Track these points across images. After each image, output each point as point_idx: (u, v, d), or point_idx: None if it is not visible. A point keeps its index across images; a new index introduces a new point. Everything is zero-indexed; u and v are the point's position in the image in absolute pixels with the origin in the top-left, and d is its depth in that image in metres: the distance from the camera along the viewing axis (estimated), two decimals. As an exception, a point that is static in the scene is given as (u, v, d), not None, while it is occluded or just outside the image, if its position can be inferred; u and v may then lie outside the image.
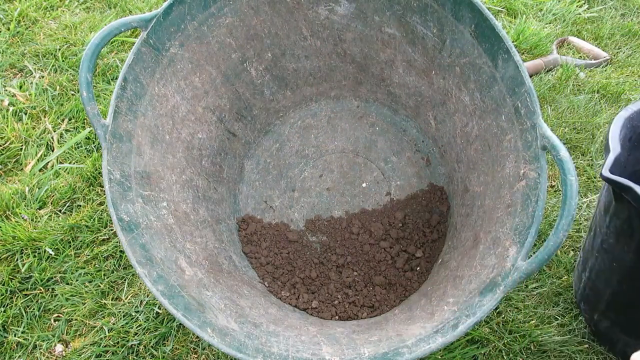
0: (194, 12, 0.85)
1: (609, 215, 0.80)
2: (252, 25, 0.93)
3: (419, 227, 1.02)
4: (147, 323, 0.98)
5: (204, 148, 0.98)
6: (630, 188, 0.68)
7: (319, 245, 1.03)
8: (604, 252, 0.84)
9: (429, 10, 0.80)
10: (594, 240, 0.87)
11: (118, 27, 0.77)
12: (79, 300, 1.02)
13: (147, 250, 0.73)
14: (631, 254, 0.77)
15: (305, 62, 1.03)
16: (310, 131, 1.12)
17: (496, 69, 0.74)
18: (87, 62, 0.75)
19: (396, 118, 1.09)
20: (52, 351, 0.96)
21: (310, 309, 0.94)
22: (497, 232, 0.74)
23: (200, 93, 0.94)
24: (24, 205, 1.16)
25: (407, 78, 0.98)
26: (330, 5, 0.90)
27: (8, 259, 1.08)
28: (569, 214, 0.59)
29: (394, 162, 1.08)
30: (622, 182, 0.68)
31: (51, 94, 1.40)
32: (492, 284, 0.67)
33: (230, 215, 1.04)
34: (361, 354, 0.68)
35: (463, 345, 0.94)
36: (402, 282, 0.96)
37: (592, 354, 0.94)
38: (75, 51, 1.52)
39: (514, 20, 1.74)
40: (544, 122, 0.66)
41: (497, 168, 0.79)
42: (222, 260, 0.91)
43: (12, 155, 1.27)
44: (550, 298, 1.02)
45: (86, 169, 1.22)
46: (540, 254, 0.61)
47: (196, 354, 0.95)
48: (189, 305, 0.70)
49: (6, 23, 1.59)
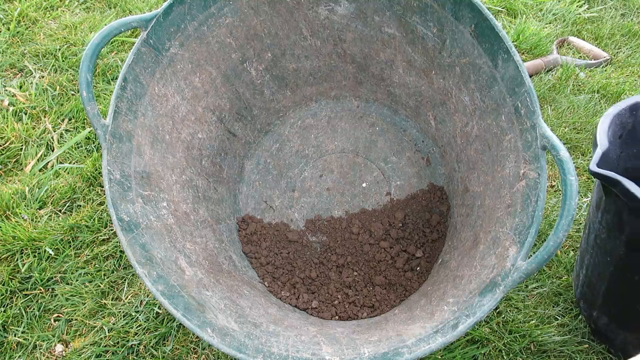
0: (194, 12, 0.85)
1: (600, 210, 0.81)
2: (252, 25, 0.93)
3: (419, 227, 1.02)
4: (147, 323, 0.98)
5: (204, 148, 0.98)
6: (618, 181, 0.68)
7: (319, 245, 1.03)
8: (597, 247, 0.85)
9: (429, 10, 0.80)
10: (589, 236, 0.87)
11: (118, 27, 0.77)
12: (79, 300, 1.02)
13: (147, 250, 0.73)
14: (622, 247, 0.78)
15: (305, 62, 1.03)
16: (310, 131, 1.12)
17: (496, 69, 0.74)
18: (87, 62, 0.75)
19: (396, 118, 1.09)
20: (52, 351, 0.96)
21: (310, 309, 0.94)
22: (497, 232, 0.74)
23: (200, 93, 0.94)
24: (24, 205, 1.16)
25: (407, 78, 0.98)
26: (330, 5, 0.90)
27: (8, 259, 1.08)
28: (568, 214, 0.59)
29: (394, 162, 1.08)
30: (610, 176, 0.69)
31: (51, 94, 1.40)
32: (492, 284, 0.67)
33: (230, 215, 1.04)
34: (361, 354, 0.68)
35: (463, 345, 0.94)
36: (402, 282, 0.96)
37: (592, 354, 0.94)
38: (75, 51, 1.52)
39: (514, 20, 1.74)
40: (544, 122, 0.66)
41: (497, 168, 0.79)
42: (222, 260, 0.91)
43: (12, 155, 1.27)
44: (550, 298, 1.02)
45: (86, 169, 1.22)
46: (540, 254, 0.61)
47: (196, 354, 0.95)
48: (189, 305, 0.70)
49: (6, 23, 1.59)
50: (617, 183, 0.69)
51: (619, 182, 0.68)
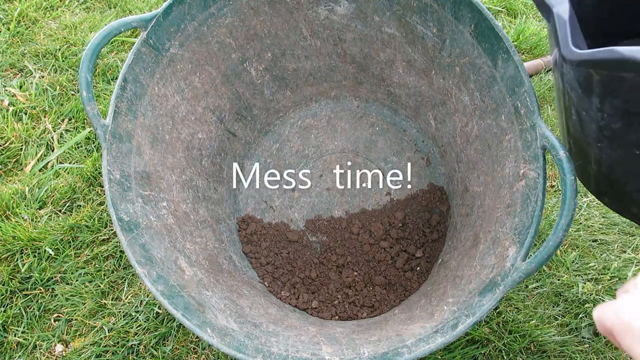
0: (193, 12, 0.85)
1: (595, 95, 0.56)
2: (252, 25, 0.93)
3: (419, 227, 1.02)
4: (147, 323, 0.98)
5: (204, 148, 0.98)
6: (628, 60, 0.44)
7: (319, 245, 1.03)
8: (609, 140, 0.60)
9: (429, 10, 0.80)
10: (583, 127, 0.63)
11: (118, 27, 0.77)
12: (79, 300, 1.02)
13: (147, 250, 0.73)
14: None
15: (305, 62, 1.03)
16: (310, 131, 1.12)
17: (496, 69, 0.74)
18: (87, 62, 0.75)
19: (396, 118, 1.09)
20: (52, 351, 0.96)
21: (310, 309, 0.94)
22: (496, 232, 0.74)
23: (200, 93, 0.94)
24: (24, 205, 1.16)
25: (407, 78, 0.98)
26: (330, 5, 0.90)
27: (8, 259, 1.08)
28: (568, 214, 0.59)
29: (394, 162, 1.08)
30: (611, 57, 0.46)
31: (51, 94, 1.40)
32: (492, 284, 0.67)
33: (230, 215, 1.04)
34: (361, 354, 0.68)
35: (463, 345, 0.94)
36: (402, 282, 0.96)
37: (592, 354, 0.94)
38: (75, 51, 1.52)
39: (514, 20, 1.74)
40: (544, 122, 0.66)
41: (497, 168, 0.79)
42: (222, 260, 0.91)
43: (12, 155, 1.27)
44: (550, 298, 1.02)
45: (86, 169, 1.22)
46: (539, 254, 0.61)
47: (196, 354, 0.95)
48: (189, 305, 0.70)
49: (6, 23, 1.59)
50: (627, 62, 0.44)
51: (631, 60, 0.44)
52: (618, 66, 0.46)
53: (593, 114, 0.59)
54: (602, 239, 1.10)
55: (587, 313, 0.99)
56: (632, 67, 0.44)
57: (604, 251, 1.09)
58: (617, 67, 0.46)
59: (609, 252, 1.08)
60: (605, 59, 0.46)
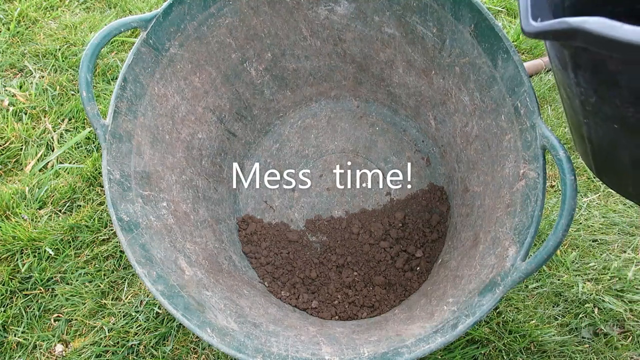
0: (193, 12, 0.85)
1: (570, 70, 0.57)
2: (252, 25, 0.93)
3: (419, 227, 1.02)
4: (147, 323, 0.98)
5: (204, 148, 0.98)
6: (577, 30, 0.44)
7: (319, 245, 1.03)
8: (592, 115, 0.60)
9: (429, 10, 0.80)
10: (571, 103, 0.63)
11: (118, 27, 0.77)
12: (79, 300, 1.02)
13: (146, 250, 0.73)
14: (630, 107, 0.53)
15: (305, 62, 1.03)
16: (310, 131, 1.12)
17: (496, 69, 0.74)
18: (87, 62, 0.75)
19: (396, 118, 1.09)
20: (52, 351, 0.96)
21: (310, 309, 0.94)
22: (496, 232, 0.74)
23: (200, 93, 0.94)
24: (24, 205, 1.16)
25: (407, 78, 0.98)
26: (330, 5, 0.90)
27: (8, 259, 1.08)
28: (568, 214, 0.59)
29: (394, 162, 1.08)
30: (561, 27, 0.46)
31: (51, 94, 1.40)
32: (492, 283, 0.67)
33: (230, 215, 1.04)
34: (361, 354, 0.68)
35: (463, 345, 0.94)
36: (402, 282, 0.96)
37: (592, 354, 0.94)
38: (75, 51, 1.52)
39: (514, 20, 1.74)
40: (544, 122, 0.66)
41: (497, 168, 0.79)
42: (222, 260, 0.91)
43: (12, 155, 1.27)
44: (550, 298, 1.02)
45: (86, 169, 1.22)
46: (539, 254, 0.61)
47: (196, 354, 0.95)
48: (189, 305, 0.70)
49: (6, 23, 1.59)
50: (576, 32, 0.44)
51: (579, 29, 0.44)
52: (568, 36, 0.46)
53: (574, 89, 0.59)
54: (602, 238, 1.10)
55: (587, 313, 0.99)
56: (583, 37, 0.45)
57: (604, 251, 1.09)
58: (568, 37, 0.46)
59: (609, 252, 1.08)
60: (555, 30, 0.47)
